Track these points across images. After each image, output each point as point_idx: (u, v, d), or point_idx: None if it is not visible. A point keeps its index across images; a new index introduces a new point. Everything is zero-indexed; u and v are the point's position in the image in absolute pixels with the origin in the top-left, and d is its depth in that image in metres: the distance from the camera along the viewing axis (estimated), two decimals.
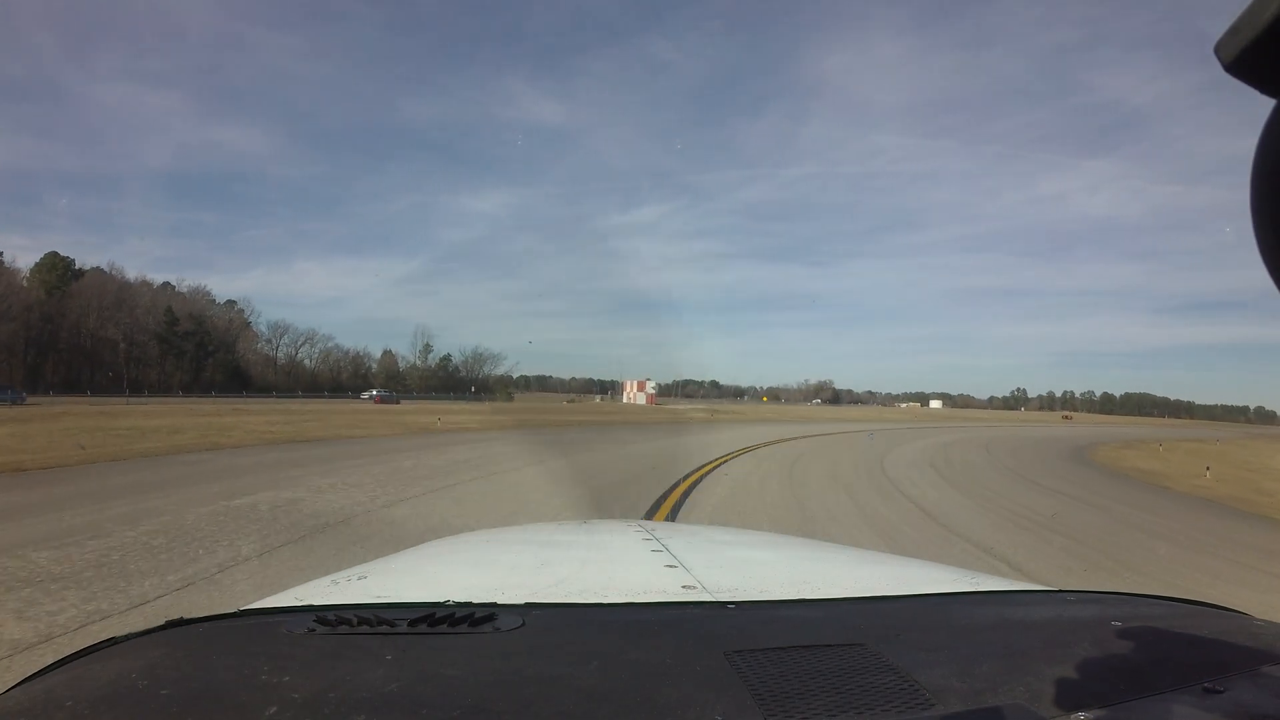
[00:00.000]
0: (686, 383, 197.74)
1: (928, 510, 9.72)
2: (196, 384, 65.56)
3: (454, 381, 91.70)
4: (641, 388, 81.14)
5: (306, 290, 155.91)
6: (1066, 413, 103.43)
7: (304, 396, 61.63)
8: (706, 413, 53.38)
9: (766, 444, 21.36)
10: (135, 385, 59.08)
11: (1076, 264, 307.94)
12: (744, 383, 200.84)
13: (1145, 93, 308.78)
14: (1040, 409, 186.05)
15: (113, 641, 0.86)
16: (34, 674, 0.81)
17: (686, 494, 9.94)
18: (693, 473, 12.59)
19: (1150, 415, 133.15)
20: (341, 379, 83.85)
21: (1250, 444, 39.46)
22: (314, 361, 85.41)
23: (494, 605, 0.97)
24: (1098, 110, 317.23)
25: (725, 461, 15.20)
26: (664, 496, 9.65)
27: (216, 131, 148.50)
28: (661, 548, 1.57)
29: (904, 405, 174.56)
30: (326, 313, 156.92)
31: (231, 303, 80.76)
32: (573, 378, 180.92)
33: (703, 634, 0.91)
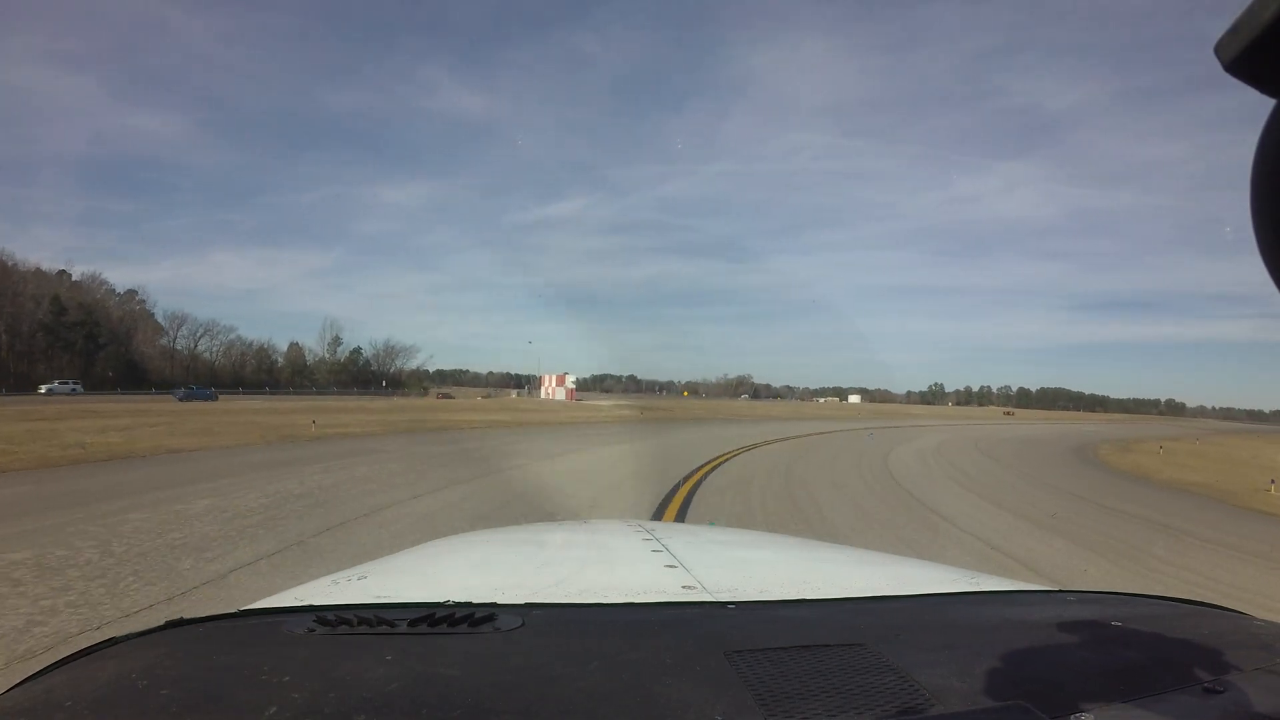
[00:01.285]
0: (605, 377, 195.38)
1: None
2: (88, 379, 59.77)
3: (365, 376, 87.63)
4: (561, 382, 75.96)
5: (222, 283, 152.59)
6: (1008, 409, 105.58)
7: (155, 393, 55.10)
8: (635, 410, 46.50)
9: (743, 450, 17.64)
10: (22, 380, 55.76)
11: (991, 262, 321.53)
12: (663, 377, 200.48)
13: (1063, 98, 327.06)
14: (958, 404, 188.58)
15: (112, 641, 0.86)
16: (34, 674, 0.80)
17: None
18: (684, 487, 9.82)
19: (1066, 409, 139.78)
20: (245, 373, 79.38)
21: (1231, 440, 38.37)
22: (215, 355, 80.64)
23: (494, 605, 0.97)
24: (1016, 114, 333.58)
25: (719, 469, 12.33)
26: None
27: (129, 117, 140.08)
28: (661, 548, 1.56)
29: (822, 400, 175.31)
30: (242, 306, 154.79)
31: (132, 293, 74.18)
32: (490, 372, 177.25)
33: (703, 634, 0.91)
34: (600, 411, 42.03)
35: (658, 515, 8.02)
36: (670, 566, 1.38)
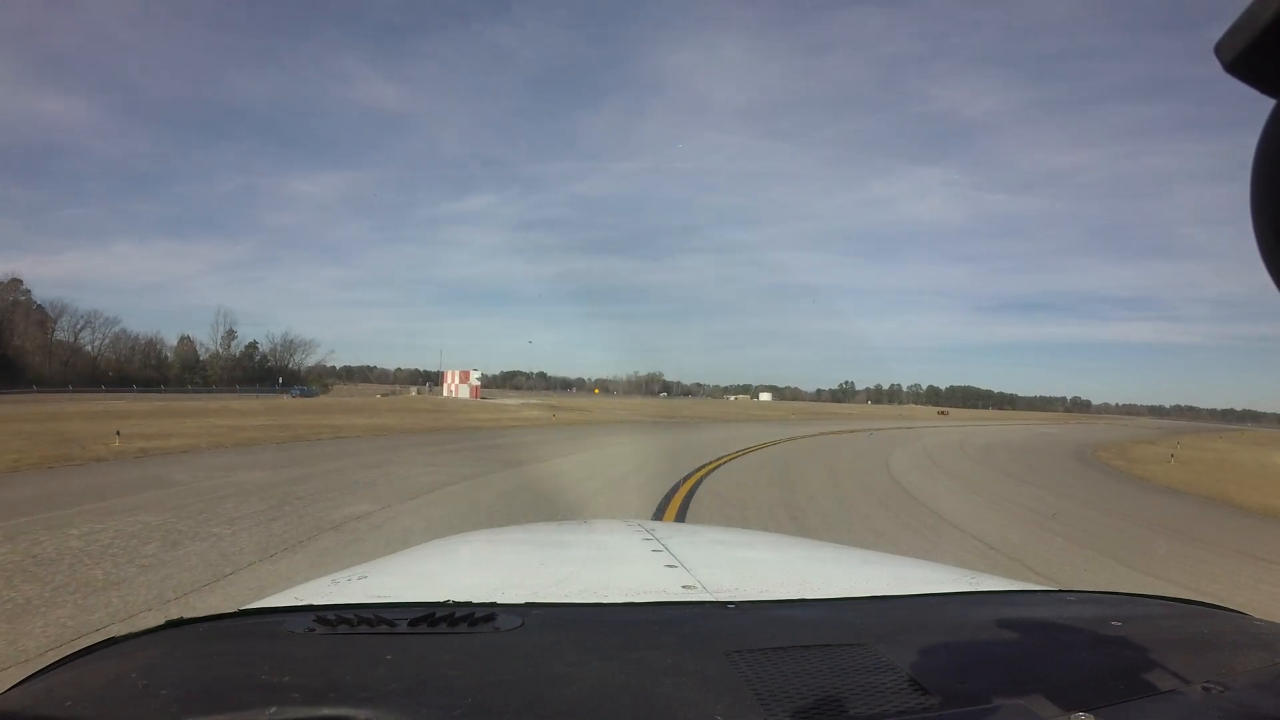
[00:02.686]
0: (515, 374, 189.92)
1: None
2: None
3: (261, 372, 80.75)
4: (465, 379, 70.08)
5: (124, 276, 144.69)
6: (941, 409, 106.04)
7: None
8: (546, 410, 40.34)
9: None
10: None
11: (902, 263, 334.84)
12: (572, 374, 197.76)
13: (976, 106, 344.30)
14: (868, 401, 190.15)
15: (112, 641, 0.86)
16: (34, 674, 0.80)
17: None
18: None
19: (977, 407, 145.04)
20: (130, 369, 71.46)
21: (1213, 444, 35.90)
22: (99, 349, 72.44)
23: (494, 605, 0.97)
24: (930, 120, 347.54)
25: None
26: None
27: (27, 100, 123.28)
28: (661, 547, 1.57)
29: (733, 398, 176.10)
30: (145, 299, 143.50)
31: (16, 281, 64.15)
32: (398, 369, 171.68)
33: (703, 634, 0.92)
34: (505, 412, 36.91)
35: None
36: (670, 566, 1.38)
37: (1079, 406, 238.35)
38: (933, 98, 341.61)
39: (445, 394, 72.26)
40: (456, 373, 72.47)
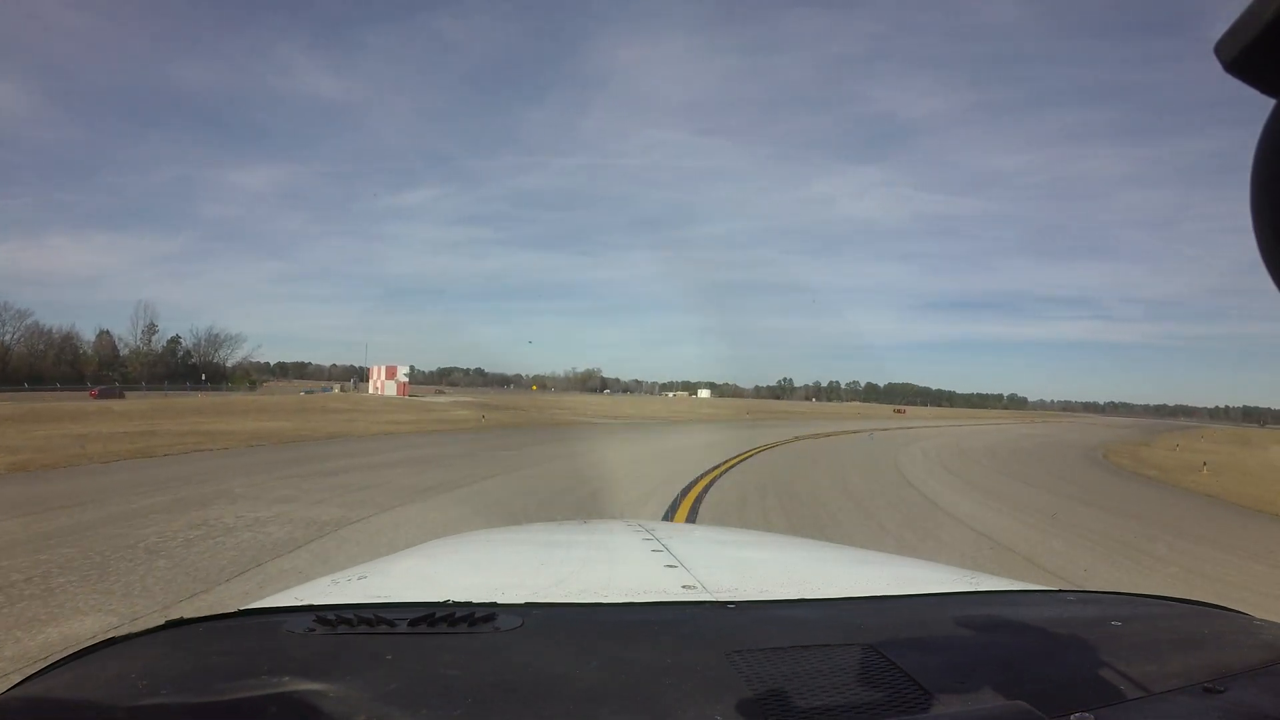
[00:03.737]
0: (451, 370, 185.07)
1: None
2: None
3: (184, 369, 75.91)
4: (392, 375, 65.11)
5: (49, 269, 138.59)
6: (899, 407, 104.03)
7: None
8: (476, 410, 34.64)
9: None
10: None
11: (841, 261, 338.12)
12: (510, 370, 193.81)
13: (918, 108, 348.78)
14: (806, 398, 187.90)
15: (112, 642, 0.86)
16: (34, 674, 0.80)
17: None
18: None
19: (915, 405, 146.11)
20: (43, 365, 66.88)
21: (1200, 444, 33.36)
22: (10, 343, 66.86)
23: (494, 605, 0.97)
24: (872, 121, 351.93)
25: None
26: None
27: None
28: (661, 548, 1.56)
29: (671, 394, 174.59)
30: (70, 294, 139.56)
31: None
32: (334, 365, 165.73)
33: (703, 634, 0.91)
34: (430, 412, 32.76)
35: None
36: (670, 566, 1.38)
37: (1016, 403, 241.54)
38: (874, 99, 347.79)
39: (371, 391, 67.23)
40: (383, 368, 67.09)
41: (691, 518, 8.24)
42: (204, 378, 72.59)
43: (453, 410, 35.55)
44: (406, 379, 64.06)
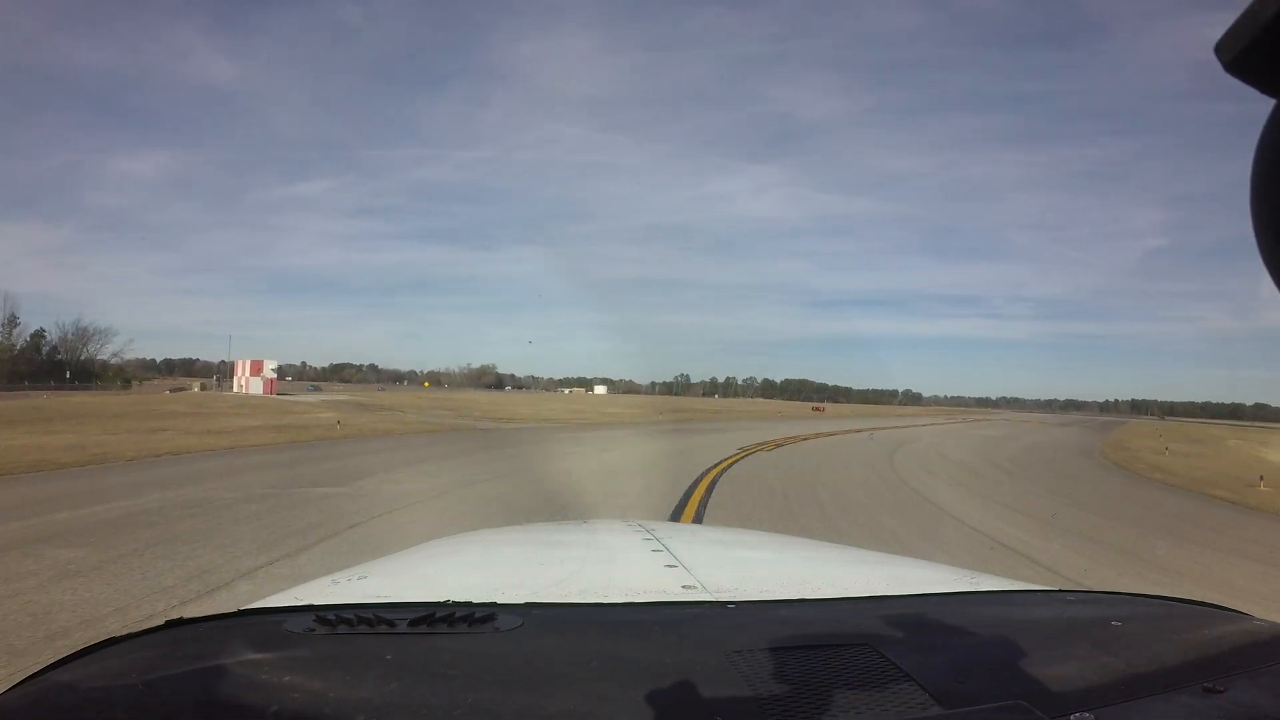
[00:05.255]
0: (344, 366, 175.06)
1: None
2: None
3: (50, 365, 69.08)
4: (258, 371, 57.59)
5: None
6: (818, 405, 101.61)
7: None
8: (340, 414, 27.15)
9: None
10: None
11: (737, 259, 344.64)
12: (404, 366, 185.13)
13: (818, 109, 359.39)
14: (704, 394, 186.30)
15: (112, 641, 0.85)
16: (34, 674, 0.79)
17: None
18: None
19: (811, 400, 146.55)
20: None
21: (1147, 440, 31.15)
22: None
23: (494, 605, 0.96)
24: (771, 120, 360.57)
25: None
26: None
27: None
28: (661, 547, 1.56)
29: (567, 391, 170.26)
30: None
31: None
32: (222, 361, 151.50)
33: (703, 634, 0.91)
34: (285, 416, 27.03)
35: None
36: (670, 566, 1.37)
37: (911, 399, 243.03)
38: (774, 99, 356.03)
39: (235, 388, 59.20)
40: (247, 363, 59.13)
41: None
42: (69, 375, 65.01)
43: (314, 412, 29.96)
44: (274, 375, 56.52)
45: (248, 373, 58.07)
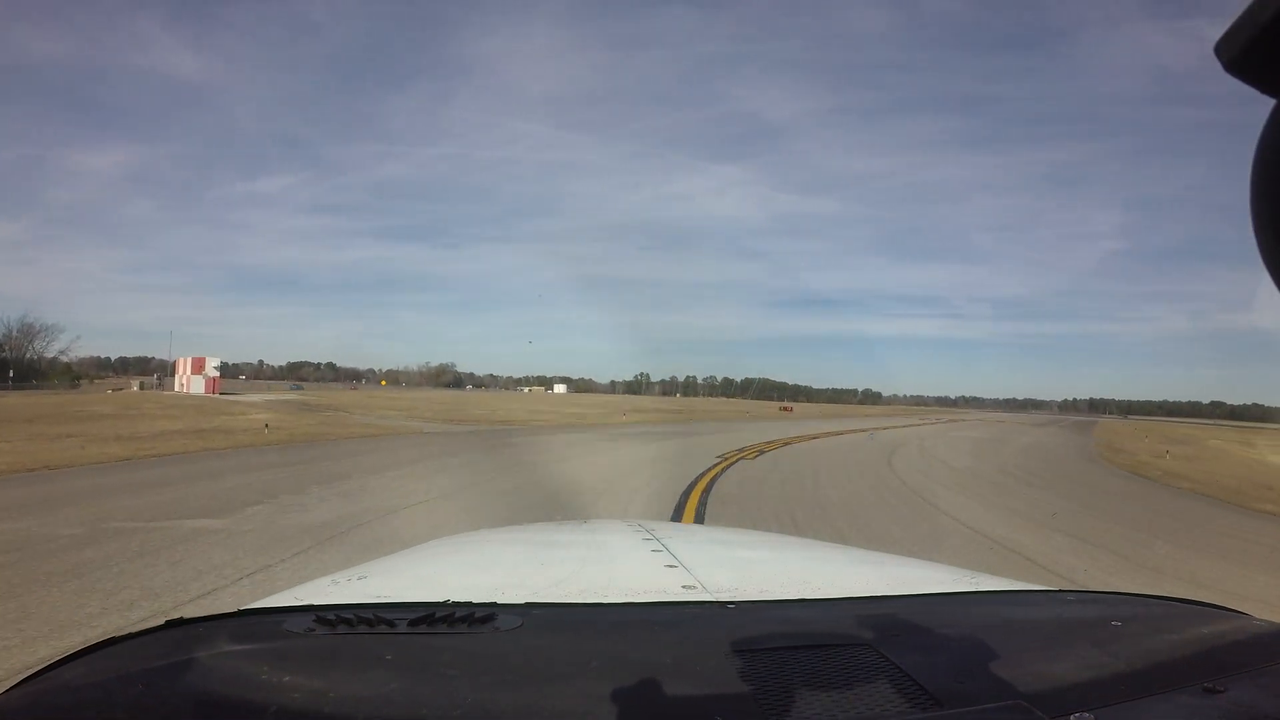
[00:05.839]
0: (303, 364, 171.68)
1: None
2: None
3: None
4: (199, 368, 54.28)
5: None
6: (785, 404, 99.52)
7: None
8: (284, 413, 26.75)
9: None
10: None
11: (698, 257, 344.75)
12: (363, 365, 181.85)
13: (781, 110, 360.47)
14: (663, 394, 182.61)
15: (112, 641, 0.86)
16: (34, 673, 0.79)
17: None
18: None
19: (773, 399, 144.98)
20: None
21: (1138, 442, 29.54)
22: None
23: (494, 605, 0.97)
24: (734, 120, 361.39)
25: None
26: None
27: None
28: (661, 547, 1.55)
29: (527, 390, 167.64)
30: None
31: None
32: (161, 360, 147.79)
33: (703, 634, 0.92)
34: (216, 418, 25.01)
35: None
36: (670, 566, 1.37)
37: (871, 398, 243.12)
38: (738, 98, 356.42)
39: (177, 387, 55.91)
40: (189, 361, 55.79)
41: None
42: (11, 375, 59.74)
43: (249, 414, 27.72)
44: (217, 373, 53.01)
45: (189, 371, 54.59)
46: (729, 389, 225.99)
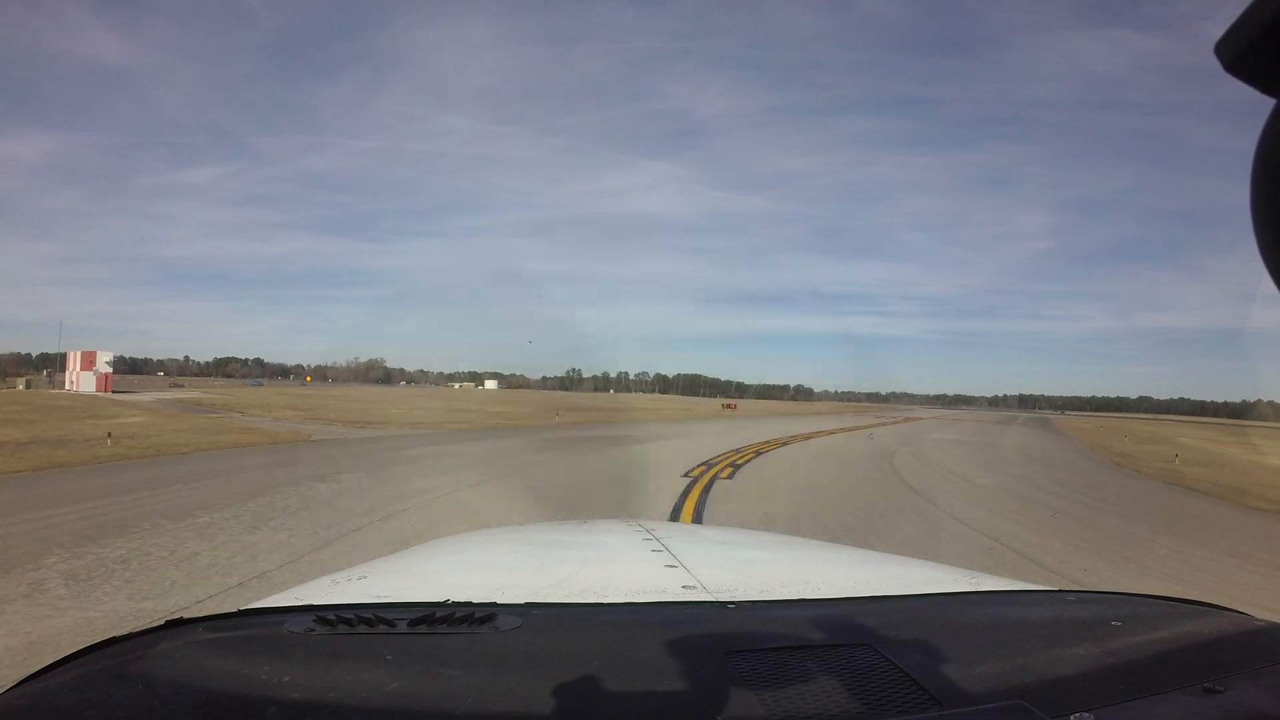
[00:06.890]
0: (229, 360, 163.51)
1: None
2: None
3: None
4: (90, 364, 49.21)
5: None
6: (729, 401, 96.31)
7: None
8: (169, 416, 22.80)
9: None
10: None
11: (630, 255, 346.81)
12: (291, 361, 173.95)
13: (715, 107, 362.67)
14: (595, 390, 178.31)
15: (112, 641, 0.86)
16: (34, 674, 0.80)
17: None
18: None
19: (703, 395, 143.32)
20: None
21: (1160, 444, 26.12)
22: None
23: (494, 605, 0.97)
24: (668, 117, 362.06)
25: None
26: None
27: None
28: (662, 548, 1.55)
29: (458, 385, 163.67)
30: None
31: None
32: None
33: (703, 634, 0.92)
34: (76, 421, 21.36)
35: None
36: (670, 566, 1.36)
37: (803, 394, 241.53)
38: (672, 95, 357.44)
39: (67, 384, 50.70)
40: (78, 355, 50.69)
41: None
42: None
43: (120, 417, 24.26)
44: (109, 369, 48.22)
45: (78, 366, 49.58)
46: (662, 385, 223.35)
